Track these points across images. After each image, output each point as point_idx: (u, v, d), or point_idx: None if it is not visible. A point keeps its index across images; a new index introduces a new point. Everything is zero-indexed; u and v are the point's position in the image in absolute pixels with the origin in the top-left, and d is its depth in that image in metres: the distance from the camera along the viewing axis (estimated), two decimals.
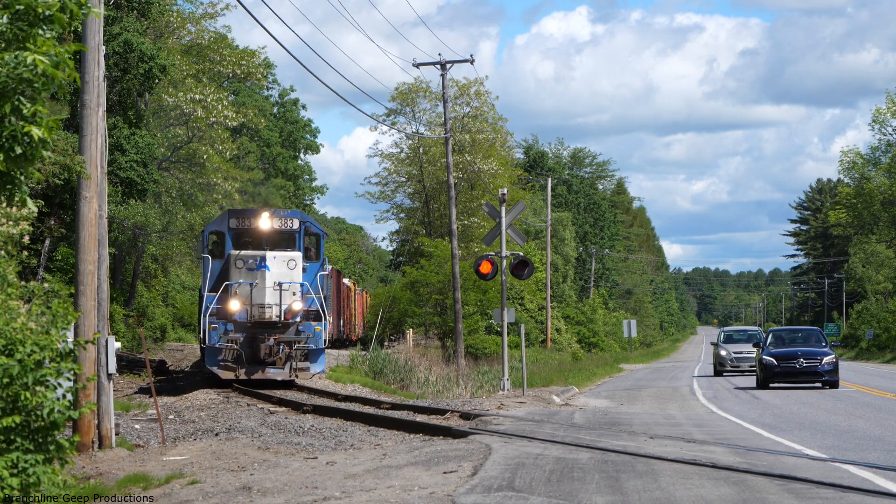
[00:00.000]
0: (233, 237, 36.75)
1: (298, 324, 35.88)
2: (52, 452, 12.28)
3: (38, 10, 11.09)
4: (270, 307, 35.52)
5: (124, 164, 43.69)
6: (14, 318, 12.93)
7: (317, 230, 38.07)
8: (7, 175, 11.45)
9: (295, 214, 37.77)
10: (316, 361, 36.11)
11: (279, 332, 35.62)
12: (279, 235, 36.87)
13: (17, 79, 10.95)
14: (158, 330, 63.28)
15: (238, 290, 35.70)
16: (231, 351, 35.49)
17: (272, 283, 35.67)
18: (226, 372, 35.45)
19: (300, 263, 36.21)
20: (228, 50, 62.15)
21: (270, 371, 35.61)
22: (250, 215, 37.20)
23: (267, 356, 35.51)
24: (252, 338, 35.56)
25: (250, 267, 35.85)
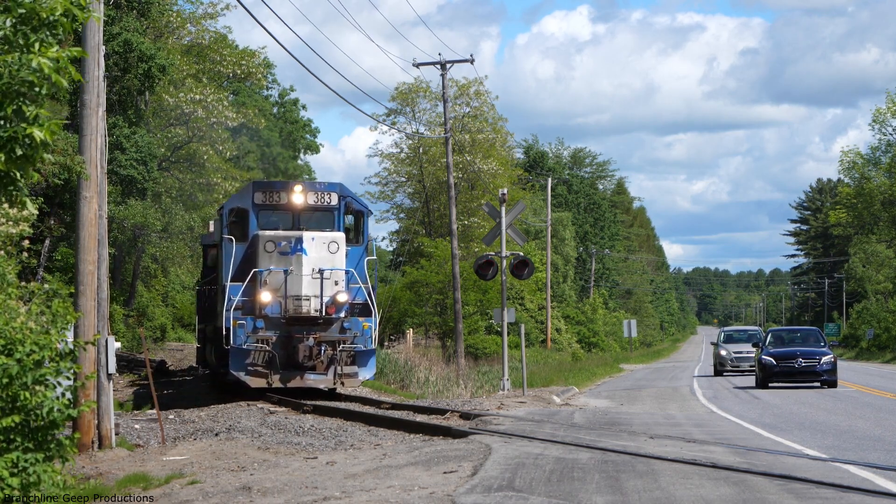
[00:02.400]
0: (259, 215, 31.39)
1: (343, 319, 30.62)
2: (52, 451, 12.28)
3: (42, 14, 11.11)
4: (308, 299, 30.29)
5: (124, 162, 43.70)
6: (13, 318, 12.94)
7: (360, 206, 32.48)
8: (7, 176, 11.46)
9: (334, 188, 32.05)
10: (365, 365, 30.87)
11: (320, 330, 30.46)
12: (315, 213, 31.67)
13: (19, 81, 10.96)
14: (158, 330, 63.28)
15: (269, 279, 30.31)
16: (262, 353, 30.22)
17: (310, 269, 30.36)
18: (256, 379, 30.17)
19: (343, 246, 30.96)
20: (228, 50, 62.17)
21: (310, 377, 30.34)
22: (280, 188, 31.80)
23: (306, 359, 30.21)
24: (287, 337, 30.29)
25: (283, 251, 30.44)
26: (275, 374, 30.18)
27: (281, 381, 30.21)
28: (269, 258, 30.41)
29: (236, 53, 62.62)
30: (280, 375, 30.22)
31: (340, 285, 30.61)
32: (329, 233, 31.01)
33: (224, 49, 61.78)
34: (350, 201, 32.06)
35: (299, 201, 31.35)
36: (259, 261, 30.45)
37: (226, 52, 61.61)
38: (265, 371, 30.20)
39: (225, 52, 61.52)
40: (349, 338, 30.52)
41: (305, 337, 30.18)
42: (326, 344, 30.36)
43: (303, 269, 30.30)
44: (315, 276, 30.30)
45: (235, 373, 30.22)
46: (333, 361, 30.38)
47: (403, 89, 72.46)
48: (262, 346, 30.18)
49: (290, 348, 30.18)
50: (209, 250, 40.84)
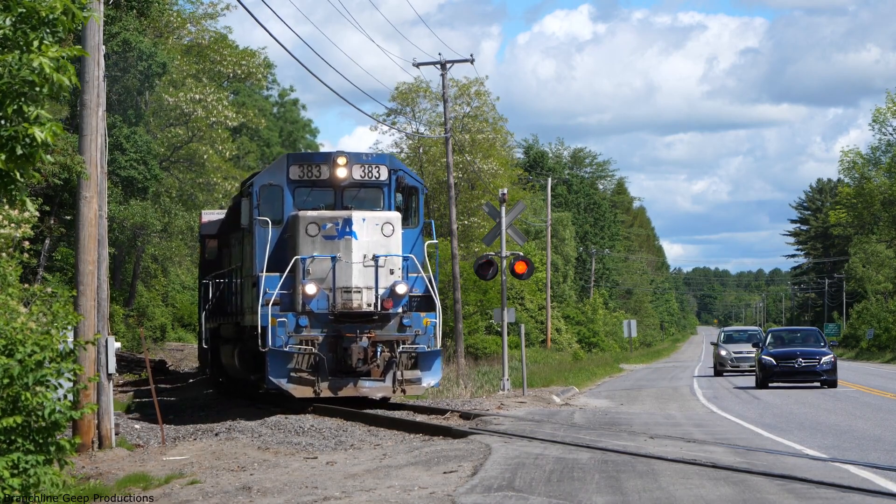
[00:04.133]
0: (295, 193, 27.34)
1: (402, 315, 26.48)
2: (52, 453, 12.28)
3: (42, 13, 11.12)
4: (360, 291, 26.23)
5: (124, 163, 43.71)
6: (14, 319, 12.94)
7: (413, 181, 28.26)
8: (7, 175, 11.47)
9: (382, 159, 28.01)
10: (429, 369, 26.75)
11: (375, 328, 26.32)
12: (361, 189, 27.65)
13: (20, 81, 10.97)
14: (158, 330, 63.27)
15: (312, 268, 26.24)
16: (307, 356, 26.06)
17: (362, 256, 26.28)
18: (301, 387, 25.98)
19: (398, 228, 26.80)
20: (229, 50, 62.20)
21: (365, 385, 26.20)
22: (320, 161, 27.55)
23: (359, 363, 26.00)
24: (336, 336, 26.12)
25: (328, 234, 26.36)
26: (323, 381, 25.95)
27: (330, 390, 25.95)
28: (312, 243, 26.32)
29: (236, 53, 62.64)
30: (329, 383, 25.98)
31: (397, 274, 26.59)
32: (382, 212, 26.97)
33: (224, 49, 61.81)
34: (402, 176, 27.89)
35: (343, 175, 27.18)
36: (300, 246, 26.29)
37: (226, 52, 61.64)
38: (311, 378, 25.97)
39: (225, 52, 61.55)
40: (409, 337, 26.45)
41: (358, 336, 26.03)
42: (383, 344, 26.25)
43: (352, 255, 26.21)
44: (368, 264, 26.25)
45: (276, 380, 25.86)
46: (392, 365, 26.21)
47: (403, 89, 72.45)
48: (306, 347, 26.00)
49: (339, 350, 26.05)
50: (207, 242, 39.45)
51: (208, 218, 41.14)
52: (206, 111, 54.18)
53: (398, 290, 26.31)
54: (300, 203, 27.25)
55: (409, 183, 28.02)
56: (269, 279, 26.19)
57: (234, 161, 67.32)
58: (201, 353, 39.86)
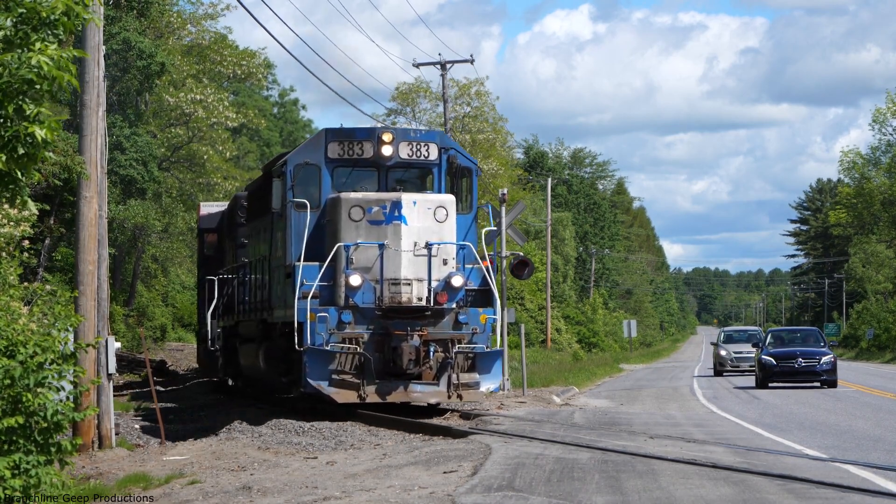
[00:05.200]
0: (334, 173, 24.70)
1: (457, 310, 23.87)
2: (53, 454, 12.30)
3: (42, 14, 11.14)
4: (410, 284, 23.59)
5: (124, 162, 43.74)
6: (15, 320, 12.96)
7: (466, 162, 25.50)
8: (9, 175, 11.48)
9: (432, 137, 25.29)
10: (488, 372, 24.03)
11: (428, 325, 23.66)
12: (409, 170, 25.14)
13: (20, 80, 10.99)
14: (158, 330, 63.28)
15: (356, 257, 23.55)
16: (351, 356, 23.35)
17: (412, 244, 23.67)
18: (344, 391, 23.20)
19: (453, 212, 24.14)
20: (229, 50, 62.21)
21: (417, 389, 23.54)
22: (363, 137, 24.65)
23: (411, 364, 23.27)
24: (384, 334, 23.46)
25: (374, 219, 23.61)
26: (369, 384, 23.22)
27: (378, 394, 23.31)
28: (356, 229, 23.65)
29: (236, 54, 62.64)
30: (376, 386, 23.28)
31: (451, 265, 23.96)
32: (435, 195, 24.39)
33: (224, 49, 61.81)
34: (453, 155, 25.11)
35: (388, 153, 24.43)
36: (342, 233, 23.63)
37: (226, 52, 61.64)
38: (356, 381, 23.24)
39: (225, 52, 61.55)
40: (466, 335, 23.88)
41: (409, 335, 23.39)
42: (436, 344, 23.64)
43: (402, 242, 23.57)
44: (419, 253, 23.66)
45: (315, 383, 23.08)
46: (446, 367, 23.57)
47: (404, 89, 72.45)
48: (350, 346, 23.35)
49: (387, 349, 23.46)
50: (206, 236, 38.27)
51: (207, 211, 39.92)
52: (206, 111, 54.20)
53: (454, 282, 23.72)
54: (339, 185, 24.55)
55: (462, 163, 25.24)
56: (307, 269, 23.50)
57: (234, 161, 67.32)
58: (207, 353, 36.84)
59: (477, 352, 23.86)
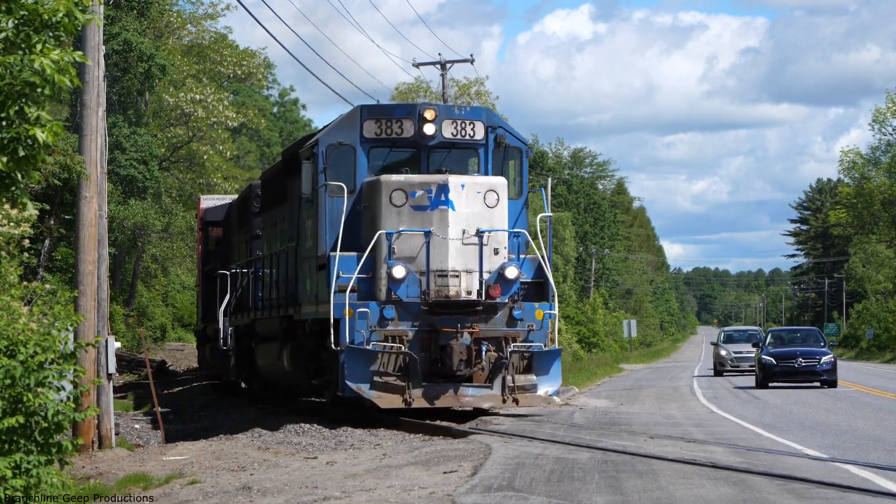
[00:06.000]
0: (370, 154, 22.63)
1: (512, 305, 21.85)
2: (53, 454, 12.32)
3: (44, 16, 11.16)
4: (458, 276, 21.55)
5: (124, 162, 43.76)
6: (15, 319, 12.98)
7: (516, 141, 23.42)
8: (9, 177, 11.50)
9: (478, 114, 23.18)
10: (546, 373, 22.03)
11: (479, 321, 21.62)
12: (452, 150, 22.89)
13: (21, 82, 11.01)
14: (158, 330, 63.29)
15: (399, 246, 21.55)
16: (394, 357, 21.32)
17: (460, 231, 21.65)
18: (387, 395, 21.22)
19: (504, 197, 22.21)
20: (229, 50, 62.28)
21: (468, 392, 21.53)
22: (402, 115, 22.59)
23: (461, 365, 21.26)
24: (430, 332, 21.46)
25: (418, 204, 21.62)
26: (415, 387, 21.20)
27: (425, 399, 21.29)
28: (398, 215, 21.63)
29: (236, 53, 62.71)
30: (423, 389, 21.26)
31: (503, 254, 22.00)
32: (484, 177, 22.37)
33: (224, 49, 61.88)
34: (501, 134, 22.96)
35: (430, 132, 22.37)
36: (383, 219, 21.61)
37: (226, 52, 61.71)
38: (400, 383, 21.22)
39: (225, 52, 61.62)
40: (521, 332, 21.81)
41: (459, 332, 21.33)
42: (489, 342, 21.62)
43: (448, 230, 21.55)
44: (468, 241, 21.61)
45: (354, 386, 21.08)
46: (500, 368, 21.58)
47: (403, 89, 72.48)
48: (395, 346, 21.30)
49: (434, 348, 21.47)
50: (211, 230, 36.96)
51: (209, 204, 38.68)
52: (206, 111, 54.23)
53: (508, 273, 21.63)
54: (375, 167, 22.51)
55: (511, 143, 23.08)
56: (344, 260, 21.36)
57: (234, 161, 67.32)
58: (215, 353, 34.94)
59: (534, 351, 21.81)
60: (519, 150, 23.35)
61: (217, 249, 36.05)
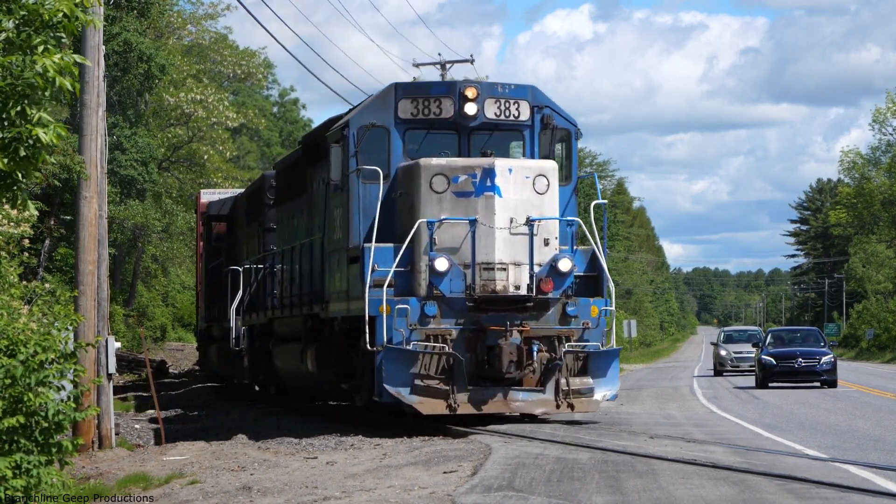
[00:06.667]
0: (406, 136, 20.88)
1: (565, 301, 20.14)
2: (53, 454, 12.33)
3: (45, 16, 11.17)
4: (505, 268, 19.79)
5: (124, 162, 43.77)
6: (16, 319, 12.99)
7: (564, 122, 21.55)
8: (10, 176, 11.51)
9: (523, 92, 21.16)
10: (604, 376, 20.42)
11: (529, 319, 19.92)
12: (495, 132, 21.14)
13: (24, 83, 11.02)
14: (158, 330, 63.30)
15: (440, 236, 19.85)
16: (437, 358, 19.53)
17: (507, 220, 19.89)
18: (430, 400, 19.50)
19: (555, 182, 20.41)
20: (229, 50, 62.34)
21: (519, 397, 19.82)
22: (441, 93, 20.83)
23: (511, 367, 19.56)
24: (476, 331, 19.74)
25: (462, 190, 19.88)
26: (459, 391, 19.45)
27: (472, 404, 19.60)
28: (439, 202, 19.90)
29: (236, 54, 62.78)
30: (469, 394, 19.51)
31: (553, 245, 20.22)
32: (534, 161, 20.65)
33: (224, 49, 61.93)
34: (549, 115, 21.17)
35: (472, 112, 20.57)
36: (422, 207, 19.90)
37: (226, 52, 61.78)
38: (444, 387, 19.45)
39: (225, 52, 61.69)
40: (576, 331, 20.18)
41: (508, 331, 19.64)
42: (540, 341, 19.93)
43: (495, 218, 19.80)
44: (516, 231, 19.88)
45: (393, 390, 19.37)
46: (553, 370, 19.89)
47: None
48: (436, 345, 19.56)
49: (480, 349, 19.74)
50: (214, 225, 35.88)
51: (210, 198, 37.66)
52: (206, 111, 54.26)
53: (561, 266, 19.95)
54: (411, 151, 20.75)
55: (559, 124, 21.30)
56: (380, 252, 19.67)
57: (234, 161, 67.33)
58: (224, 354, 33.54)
59: (590, 351, 20.18)
60: (567, 131, 21.52)
61: (221, 245, 34.87)
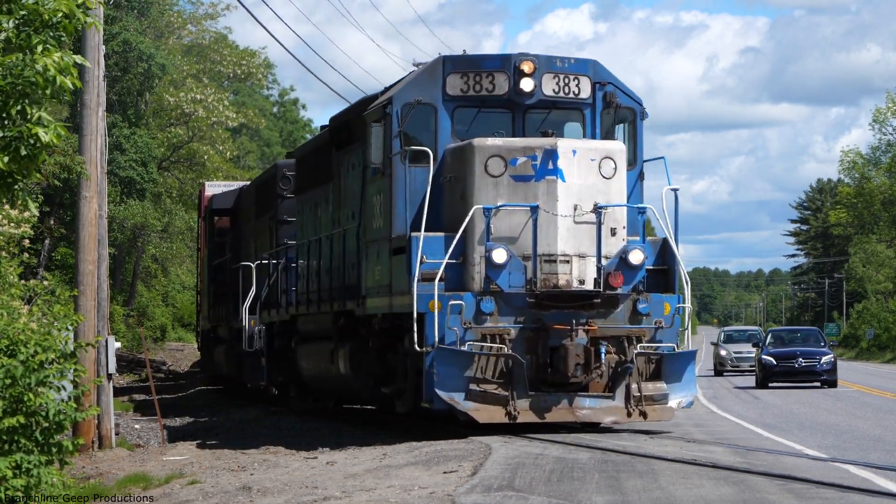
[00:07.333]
0: (454, 115, 19.01)
1: (637, 297, 18.37)
2: (53, 454, 12.33)
3: (45, 16, 11.18)
4: (569, 261, 17.98)
5: (124, 163, 43.78)
6: (16, 319, 13.00)
7: (629, 100, 19.65)
8: (10, 176, 11.52)
9: (583, 68, 19.26)
10: (679, 380, 18.64)
11: (597, 317, 18.12)
12: (552, 111, 19.28)
13: (24, 82, 11.03)
14: (158, 330, 63.30)
15: (497, 225, 18.01)
16: (494, 360, 17.71)
17: (571, 206, 18.07)
18: (487, 407, 17.73)
19: (623, 166, 18.63)
20: (229, 50, 62.36)
21: (586, 404, 18.11)
22: (494, 68, 18.88)
23: (577, 370, 17.77)
24: (537, 330, 17.92)
25: (520, 173, 18.06)
26: (520, 397, 17.72)
27: (534, 412, 17.91)
28: (496, 187, 18.10)
29: (236, 53, 62.78)
30: (530, 401, 17.82)
31: (620, 235, 18.47)
32: (600, 142, 18.84)
33: (224, 49, 61.93)
34: (612, 91, 19.28)
35: (528, 88, 18.73)
36: (477, 192, 18.08)
37: (226, 52, 61.78)
38: (502, 393, 17.71)
39: (225, 52, 61.69)
40: (647, 331, 18.41)
41: (573, 330, 17.84)
42: (608, 342, 18.13)
43: (558, 205, 17.96)
44: (581, 219, 18.08)
45: (446, 396, 17.56)
46: (623, 374, 18.17)
47: None
48: (493, 345, 17.76)
49: (542, 350, 17.94)
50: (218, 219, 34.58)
51: (215, 191, 36.46)
52: (206, 111, 54.28)
53: (632, 258, 18.24)
54: (461, 132, 18.91)
55: (623, 102, 19.46)
56: (430, 242, 17.85)
57: (234, 161, 67.34)
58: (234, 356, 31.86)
59: (664, 353, 18.41)
60: (632, 110, 19.60)
61: (225, 241, 33.78)
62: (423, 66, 19.82)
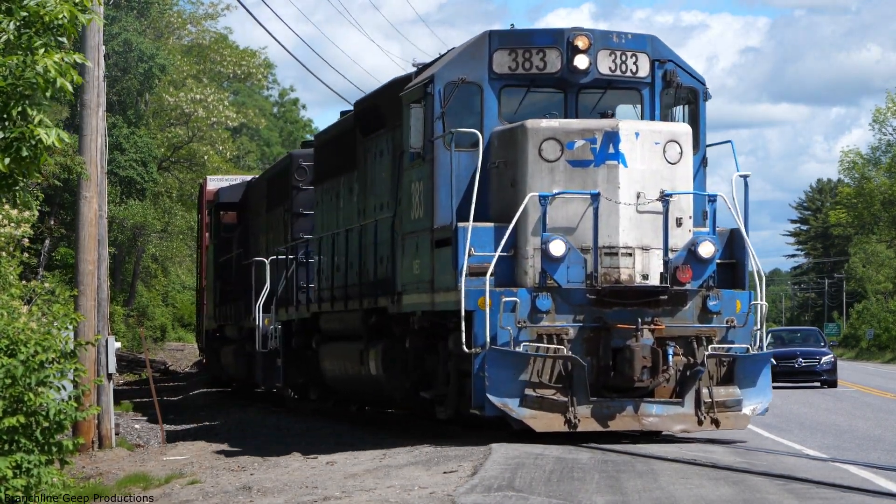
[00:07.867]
0: (502, 94, 17.40)
1: (706, 294, 16.73)
2: (53, 454, 12.34)
3: (45, 18, 11.19)
4: (631, 254, 16.43)
5: (124, 163, 43.80)
6: (16, 319, 13.00)
7: (690, 80, 17.88)
8: (11, 176, 11.54)
9: (641, 44, 17.55)
10: (753, 385, 17.00)
11: (663, 315, 16.55)
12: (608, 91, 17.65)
13: (25, 83, 11.05)
14: (158, 330, 63.30)
15: (553, 214, 16.42)
16: (551, 362, 16.10)
17: (635, 194, 16.46)
18: (546, 415, 16.21)
19: (689, 150, 16.95)
20: (229, 50, 62.37)
21: (653, 411, 16.54)
22: (545, 44, 17.19)
23: (644, 373, 16.24)
24: (599, 329, 16.35)
25: (578, 158, 16.49)
26: (580, 403, 16.13)
27: (596, 420, 16.37)
28: (551, 173, 16.54)
29: (236, 54, 62.79)
30: (592, 407, 16.24)
31: (687, 225, 16.86)
32: (665, 124, 17.29)
33: (224, 49, 61.95)
34: (672, 70, 17.59)
35: (583, 66, 17.09)
36: (530, 178, 16.54)
37: (226, 52, 61.79)
38: (561, 399, 16.15)
39: (225, 52, 61.70)
40: (719, 330, 16.85)
41: (638, 330, 16.30)
42: (676, 343, 16.54)
43: (620, 192, 16.39)
44: (645, 208, 16.51)
45: (499, 401, 16.07)
46: (692, 378, 16.53)
47: None
48: (551, 346, 16.19)
49: (604, 352, 16.39)
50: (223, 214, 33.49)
51: (219, 185, 35.58)
52: (206, 111, 54.30)
53: (702, 251, 16.53)
54: (508, 114, 17.37)
55: (684, 82, 17.74)
56: (478, 233, 16.32)
57: (234, 161, 67.36)
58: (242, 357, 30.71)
59: (738, 355, 16.81)
60: (694, 90, 17.89)
61: (231, 236, 32.59)
62: (466, 42, 18.06)
